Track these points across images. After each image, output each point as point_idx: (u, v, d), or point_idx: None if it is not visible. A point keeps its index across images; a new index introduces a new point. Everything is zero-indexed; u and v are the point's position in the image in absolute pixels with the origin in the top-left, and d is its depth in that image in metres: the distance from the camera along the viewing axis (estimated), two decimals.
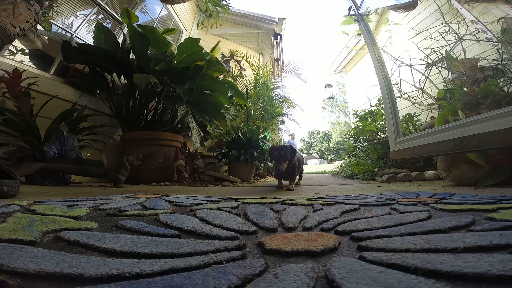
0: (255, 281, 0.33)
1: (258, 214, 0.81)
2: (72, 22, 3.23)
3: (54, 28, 3.03)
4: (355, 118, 4.97)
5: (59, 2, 2.94)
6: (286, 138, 9.21)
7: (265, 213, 0.82)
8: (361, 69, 7.31)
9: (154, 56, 2.81)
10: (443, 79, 2.74)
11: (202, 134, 3.17)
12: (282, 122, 7.07)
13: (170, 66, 3.03)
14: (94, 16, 3.44)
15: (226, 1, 4.87)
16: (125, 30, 3.49)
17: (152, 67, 2.89)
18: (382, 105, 4.24)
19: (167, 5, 4.54)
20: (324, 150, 32.04)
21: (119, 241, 0.49)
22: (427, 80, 2.92)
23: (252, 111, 5.46)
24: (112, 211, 0.83)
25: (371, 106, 4.63)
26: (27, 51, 2.74)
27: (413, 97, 3.21)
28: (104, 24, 3.20)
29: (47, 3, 2.32)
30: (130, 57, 3.06)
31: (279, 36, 7.01)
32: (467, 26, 2.75)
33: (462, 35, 2.71)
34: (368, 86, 4.80)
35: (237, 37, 7.09)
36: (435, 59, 2.79)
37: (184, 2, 3.86)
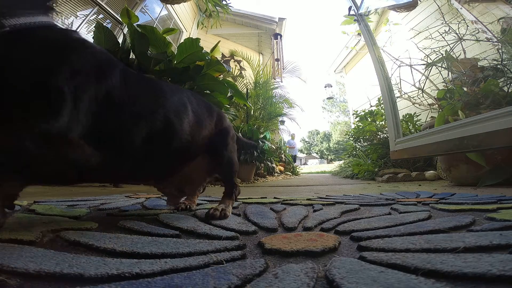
0: (255, 281, 0.33)
1: (258, 214, 0.80)
2: (72, 22, 3.23)
3: None
4: (355, 118, 4.97)
5: (59, 2, 2.94)
6: (286, 138, 9.20)
7: (265, 213, 0.82)
8: (361, 69, 7.31)
9: (154, 56, 2.81)
10: (443, 79, 2.73)
11: None
12: (282, 122, 7.06)
13: (170, 66, 3.02)
14: (94, 16, 3.45)
15: (226, 1, 4.87)
16: (125, 30, 3.49)
17: (152, 67, 2.88)
18: (382, 105, 4.24)
19: (167, 5, 4.54)
20: (324, 150, 32.04)
21: (119, 241, 0.49)
22: (427, 80, 2.92)
23: (252, 111, 5.46)
24: (112, 211, 0.83)
25: (371, 106, 4.63)
26: None
27: (413, 97, 3.21)
28: (104, 24, 3.21)
29: None
30: (130, 57, 3.06)
31: (279, 36, 7.01)
32: (467, 26, 2.74)
33: (462, 35, 2.71)
34: (368, 86, 4.80)
35: (237, 37, 7.09)
36: (435, 59, 2.79)
37: (184, 2, 3.86)
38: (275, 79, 6.91)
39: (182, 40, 3.78)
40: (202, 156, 0.84)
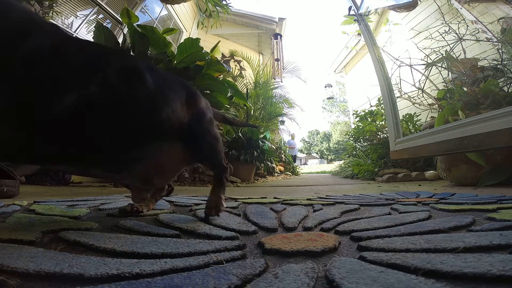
0: (255, 281, 0.33)
1: (258, 214, 0.80)
2: (72, 22, 3.24)
3: None
4: (355, 118, 4.97)
5: (59, 2, 2.94)
6: (286, 138, 9.20)
7: (265, 213, 0.82)
8: (361, 69, 7.31)
9: (154, 56, 2.81)
10: (443, 79, 2.73)
11: None
12: (282, 122, 7.06)
13: (170, 66, 3.03)
14: (94, 16, 3.45)
15: (226, 1, 4.88)
16: (125, 30, 3.49)
17: None
18: (382, 105, 4.24)
19: (167, 5, 4.54)
20: (324, 150, 32.04)
21: (119, 241, 0.49)
22: (427, 80, 2.92)
23: (252, 111, 5.46)
24: (112, 211, 0.83)
25: (371, 106, 4.63)
26: None
27: (413, 97, 3.21)
28: (104, 24, 3.21)
29: (47, 3, 2.33)
30: None
31: (279, 36, 7.02)
32: (467, 26, 2.75)
33: (462, 35, 2.71)
34: (368, 86, 4.80)
35: (237, 37, 7.09)
36: (435, 59, 2.79)
37: (184, 2, 3.86)
38: (275, 79, 6.92)
39: (182, 40, 3.78)
40: (171, 141, 0.68)
